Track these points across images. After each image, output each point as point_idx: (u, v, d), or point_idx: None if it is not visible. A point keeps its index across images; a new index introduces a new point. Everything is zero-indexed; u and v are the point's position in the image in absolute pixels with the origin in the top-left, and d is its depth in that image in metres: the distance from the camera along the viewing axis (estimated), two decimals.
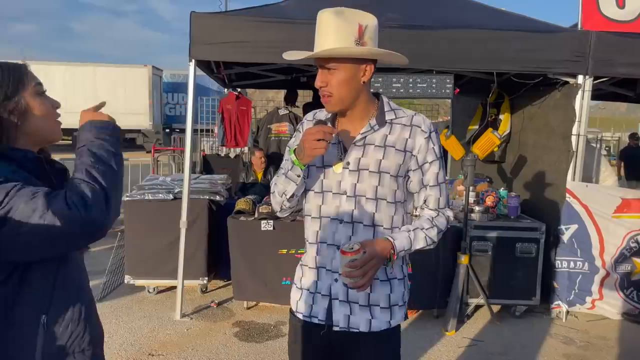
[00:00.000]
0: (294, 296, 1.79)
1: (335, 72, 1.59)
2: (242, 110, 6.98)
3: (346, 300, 1.67)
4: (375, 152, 1.65)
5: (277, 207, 1.76)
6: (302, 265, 1.79)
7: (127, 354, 3.58)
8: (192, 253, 4.45)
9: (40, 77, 5.84)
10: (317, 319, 1.70)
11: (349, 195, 1.65)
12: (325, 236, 1.69)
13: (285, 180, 1.66)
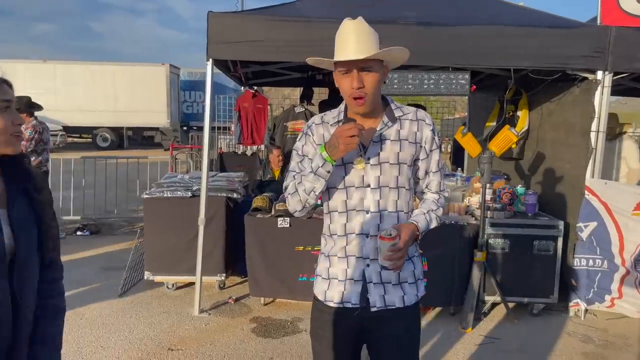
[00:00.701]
0: (321, 286, 1.91)
1: (370, 74, 1.74)
2: (259, 108, 7.03)
3: (380, 282, 1.84)
4: (392, 146, 1.83)
5: (298, 207, 1.86)
6: (329, 256, 1.90)
7: (147, 348, 3.66)
8: (210, 250, 4.51)
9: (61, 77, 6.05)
10: (351, 304, 1.84)
11: (373, 187, 1.82)
12: (353, 227, 1.84)
13: (314, 178, 1.78)
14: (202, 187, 4.27)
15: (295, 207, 1.87)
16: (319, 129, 1.92)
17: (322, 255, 1.95)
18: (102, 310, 4.32)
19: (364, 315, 1.83)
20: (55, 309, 1.64)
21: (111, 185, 7.80)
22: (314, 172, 1.77)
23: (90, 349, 3.62)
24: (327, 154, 1.73)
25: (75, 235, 6.84)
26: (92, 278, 5.12)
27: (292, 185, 1.86)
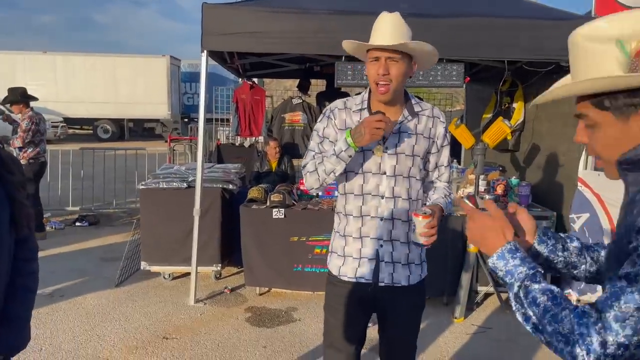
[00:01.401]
0: (337, 262, 2.08)
1: (397, 64, 1.87)
2: (256, 99, 7.05)
3: (391, 261, 2.02)
4: (409, 139, 1.99)
5: (316, 184, 2.00)
6: (345, 236, 2.05)
7: (142, 337, 3.71)
8: (206, 240, 4.55)
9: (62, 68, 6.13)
10: (364, 279, 2.01)
11: (389, 175, 1.98)
12: (369, 210, 2.00)
13: (336, 160, 1.90)
14: (197, 178, 4.30)
15: (313, 184, 2.01)
16: (342, 113, 2.04)
17: (336, 234, 2.10)
18: (99, 299, 4.37)
19: (376, 290, 2.01)
20: (24, 289, 1.67)
21: (110, 176, 7.84)
22: (337, 155, 1.89)
23: (85, 338, 3.67)
24: (352, 140, 1.85)
25: (74, 226, 6.89)
26: (90, 268, 5.17)
27: (312, 164, 1.98)
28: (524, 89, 5.61)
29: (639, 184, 1.05)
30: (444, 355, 3.59)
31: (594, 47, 1.00)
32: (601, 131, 1.05)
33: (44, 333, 3.72)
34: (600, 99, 1.02)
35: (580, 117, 1.09)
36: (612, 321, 0.91)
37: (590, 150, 1.14)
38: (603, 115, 1.03)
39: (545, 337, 1.00)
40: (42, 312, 4.06)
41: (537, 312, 1.02)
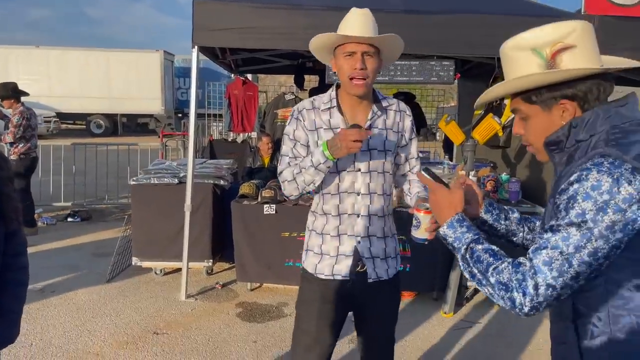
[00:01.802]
0: (313, 260, 2.06)
1: (372, 59, 1.89)
2: (249, 95, 7.05)
3: (370, 256, 2.03)
4: (380, 134, 2.01)
5: (295, 192, 2.00)
6: (322, 234, 2.05)
7: (132, 332, 3.72)
8: (197, 236, 4.56)
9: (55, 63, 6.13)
10: (341, 276, 2.02)
11: (364, 172, 1.98)
12: (346, 208, 2.01)
13: (314, 172, 1.91)
14: (188, 173, 4.30)
15: (292, 192, 2.01)
16: (310, 114, 2.02)
17: (312, 232, 2.08)
18: (90, 295, 4.38)
19: (354, 286, 2.02)
20: (15, 283, 1.70)
21: (102, 172, 7.83)
22: (315, 167, 1.89)
23: (76, 333, 3.68)
24: (329, 153, 1.85)
25: (66, 221, 6.88)
26: (82, 264, 5.17)
27: (289, 172, 1.98)
28: None
29: (563, 163, 1.24)
30: (432, 350, 3.62)
31: (519, 55, 1.25)
32: (532, 122, 1.28)
33: (35, 328, 3.72)
34: (528, 95, 1.25)
35: (515, 112, 1.31)
36: (542, 265, 1.12)
37: (524, 140, 1.34)
38: (532, 109, 1.26)
39: (489, 289, 1.19)
40: (32, 308, 4.05)
41: (481, 267, 1.21)
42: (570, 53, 1.20)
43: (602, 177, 1.09)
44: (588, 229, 1.09)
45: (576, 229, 1.10)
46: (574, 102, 1.22)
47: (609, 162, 1.10)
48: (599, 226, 1.09)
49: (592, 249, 1.10)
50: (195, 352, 3.45)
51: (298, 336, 2.12)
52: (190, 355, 3.41)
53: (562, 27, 1.22)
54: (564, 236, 1.11)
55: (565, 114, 1.22)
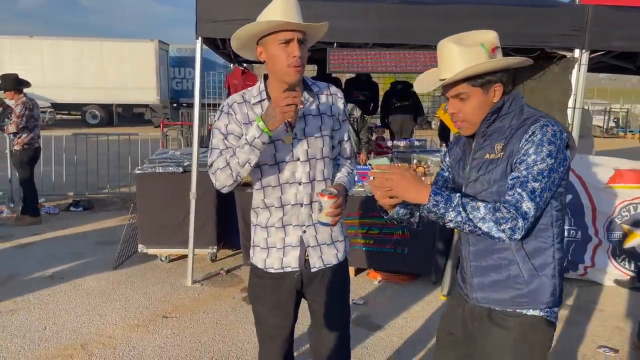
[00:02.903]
0: (260, 255, 2.04)
1: (304, 46, 1.87)
2: (248, 85, 7.11)
3: (317, 244, 2.02)
4: (314, 120, 1.99)
5: (229, 181, 1.87)
6: (267, 227, 2.02)
7: (142, 316, 3.84)
8: (202, 223, 4.67)
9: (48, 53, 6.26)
10: (290, 268, 2.01)
11: (303, 160, 1.97)
12: (289, 199, 1.98)
13: (249, 149, 1.81)
14: (193, 162, 4.40)
15: (225, 182, 1.88)
16: (242, 107, 1.96)
17: (257, 227, 2.05)
18: (98, 281, 4.49)
19: (303, 275, 2.02)
20: None
21: (103, 162, 7.90)
22: (250, 143, 1.80)
23: (88, 317, 3.80)
24: (264, 125, 1.78)
25: (68, 211, 6.96)
26: (87, 251, 5.28)
27: (222, 160, 1.87)
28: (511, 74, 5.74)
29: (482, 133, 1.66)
30: (431, 331, 3.76)
31: (471, 48, 1.59)
32: (471, 101, 1.63)
33: (47, 313, 3.84)
34: (474, 79, 1.60)
35: (459, 96, 1.63)
36: (526, 196, 1.50)
37: (457, 117, 1.67)
38: (475, 90, 1.62)
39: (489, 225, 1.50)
40: (43, 294, 4.17)
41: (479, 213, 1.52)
42: (499, 51, 1.62)
43: (555, 129, 1.55)
44: (552, 164, 1.51)
45: (545, 164, 1.51)
46: (501, 86, 1.63)
47: (552, 122, 1.57)
48: (557, 161, 1.53)
49: (553, 179, 1.53)
50: (205, 334, 3.58)
51: (258, 329, 2.15)
52: (200, 337, 3.54)
53: (491, 32, 1.64)
54: (538, 171, 1.50)
55: (497, 94, 1.63)
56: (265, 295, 2.07)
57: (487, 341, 1.73)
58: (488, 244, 1.67)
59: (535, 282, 1.63)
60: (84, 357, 3.25)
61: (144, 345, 3.41)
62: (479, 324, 1.76)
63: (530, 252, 1.62)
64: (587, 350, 3.51)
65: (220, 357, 3.29)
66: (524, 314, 1.66)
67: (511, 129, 1.61)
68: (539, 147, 1.52)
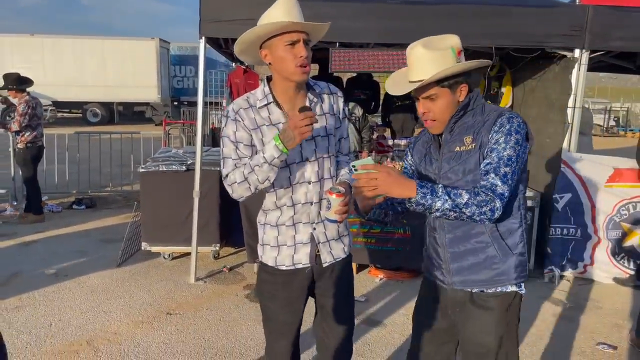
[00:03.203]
0: (271, 254, 2.09)
1: (308, 47, 1.92)
2: (250, 84, 7.15)
3: (326, 240, 2.10)
4: (320, 120, 2.03)
5: (247, 193, 1.94)
6: (277, 226, 2.07)
7: (147, 313, 3.89)
8: (205, 221, 4.71)
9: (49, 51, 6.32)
10: (302, 264, 2.07)
11: (312, 160, 2.03)
12: (299, 198, 2.04)
13: (269, 168, 1.85)
14: (197, 161, 4.44)
15: (243, 194, 1.94)
16: (249, 112, 1.97)
17: (267, 226, 2.09)
18: (102, 278, 4.53)
19: (314, 271, 2.09)
20: None
21: (105, 160, 7.93)
22: (269, 162, 1.84)
23: (93, 314, 3.84)
24: (283, 146, 1.81)
25: (71, 209, 7.01)
26: (91, 249, 5.32)
27: (239, 173, 1.91)
28: (512, 74, 5.79)
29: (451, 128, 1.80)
30: None
31: (442, 52, 1.71)
32: (440, 100, 1.76)
33: (52, 310, 3.88)
34: (443, 81, 1.73)
35: (430, 97, 1.76)
36: (499, 180, 1.67)
37: (427, 116, 1.80)
38: (443, 91, 1.75)
39: (472, 209, 1.64)
40: (48, 291, 4.21)
41: (462, 199, 1.65)
42: (462, 54, 1.77)
43: (520, 121, 1.74)
44: (519, 150, 1.70)
45: (513, 151, 1.69)
46: (467, 86, 1.77)
47: (515, 114, 1.76)
48: (522, 148, 1.71)
49: (519, 163, 1.71)
50: (208, 331, 3.62)
51: (268, 326, 2.19)
52: (204, 334, 3.58)
53: (455, 37, 1.78)
54: (508, 157, 1.68)
55: (462, 93, 1.77)
56: (277, 293, 2.11)
57: (470, 324, 1.87)
58: (465, 230, 1.81)
59: (510, 260, 1.80)
60: (89, 352, 3.29)
61: (148, 342, 3.45)
62: (461, 309, 1.88)
63: (504, 233, 1.79)
64: (586, 347, 3.55)
65: (224, 353, 3.33)
66: (503, 292, 1.83)
67: (478, 123, 1.77)
68: (508, 137, 1.69)
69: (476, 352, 1.88)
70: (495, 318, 1.83)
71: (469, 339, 1.90)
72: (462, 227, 1.81)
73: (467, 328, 1.88)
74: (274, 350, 2.20)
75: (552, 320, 3.96)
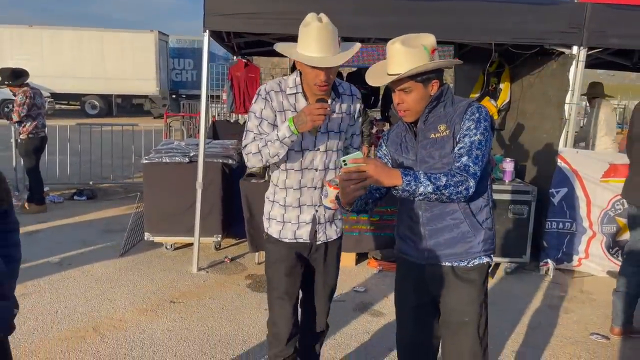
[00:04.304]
0: (277, 227, 2.41)
1: (332, 69, 2.16)
2: (251, 77, 7.21)
3: (324, 222, 2.42)
4: (336, 118, 2.32)
5: (259, 164, 2.26)
6: (284, 205, 2.38)
7: (150, 301, 3.96)
8: (207, 212, 4.78)
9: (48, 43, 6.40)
10: (302, 239, 2.39)
11: (322, 151, 2.32)
12: (306, 182, 2.34)
13: (280, 145, 2.16)
14: (200, 153, 4.50)
15: (256, 164, 2.27)
16: (279, 96, 2.26)
17: (275, 203, 2.40)
18: (106, 268, 4.60)
19: (312, 247, 2.42)
20: (9, 259, 1.77)
21: (106, 152, 7.98)
22: (281, 140, 2.14)
23: (98, 302, 3.92)
24: (295, 128, 2.10)
25: (72, 200, 7.06)
26: (94, 239, 5.39)
27: (254, 146, 2.22)
28: (510, 70, 5.86)
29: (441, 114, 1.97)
30: None
31: (415, 50, 1.88)
32: (414, 94, 1.94)
33: (58, 297, 3.96)
34: (417, 76, 1.90)
35: (404, 89, 1.93)
36: (471, 162, 1.85)
37: (401, 106, 1.97)
38: (417, 85, 1.93)
39: (450, 190, 1.81)
40: (53, 279, 4.29)
41: (440, 181, 1.81)
42: (437, 52, 1.94)
43: (487, 110, 1.96)
44: (487, 136, 1.91)
45: (483, 137, 1.89)
46: (438, 81, 1.95)
47: (482, 105, 1.97)
48: (489, 134, 1.93)
49: (487, 147, 1.91)
50: (211, 319, 3.71)
51: (272, 293, 2.46)
52: (207, 321, 3.66)
53: (431, 36, 1.95)
54: (478, 141, 1.88)
55: (434, 88, 1.95)
56: (279, 262, 2.40)
57: (454, 296, 2.04)
58: (442, 208, 1.99)
59: (481, 234, 2.00)
60: (96, 338, 3.37)
61: (153, 328, 3.53)
62: (442, 283, 2.06)
63: (475, 210, 1.99)
64: (579, 337, 3.65)
65: (227, 340, 3.42)
66: (480, 264, 2.02)
67: (449, 113, 1.97)
68: (479, 124, 1.90)
69: (459, 321, 2.05)
70: (477, 289, 2.04)
71: (453, 310, 2.06)
72: (439, 206, 2.00)
73: (450, 300, 2.06)
74: (277, 316, 2.45)
75: (547, 311, 4.05)
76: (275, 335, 2.47)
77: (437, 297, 2.09)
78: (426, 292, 2.11)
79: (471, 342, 2.05)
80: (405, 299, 2.20)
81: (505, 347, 3.49)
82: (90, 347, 3.26)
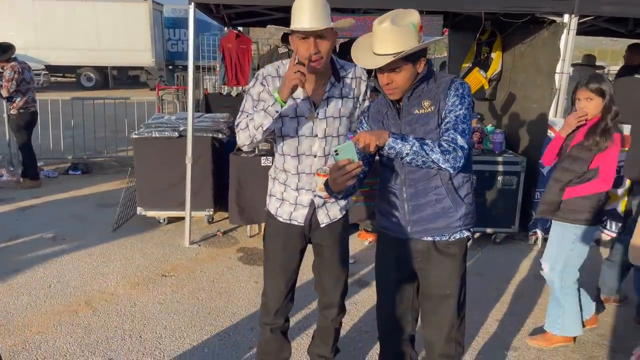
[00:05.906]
0: (275, 204, 2.39)
1: (325, 41, 2.07)
2: (242, 48, 7.13)
3: (324, 204, 2.36)
4: (336, 103, 2.25)
5: (247, 141, 2.17)
6: (285, 184, 2.34)
7: (142, 275, 4.03)
8: (199, 186, 4.81)
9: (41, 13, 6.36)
10: (297, 222, 2.36)
11: (321, 137, 2.25)
12: (304, 168, 2.29)
13: (264, 115, 2.09)
14: (189, 127, 4.50)
15: (244, 141, 2.18)
16: (275, 81, 2.21)
17: (276, 181, 2.38)
18: (100, 242, 4.66)
19: (305, 231, 2.37)
20: None
21: (99, 125, 7.96)
22: (265, 109, 2.08)
23: (91, 276, 3.99)
24: (278, 95, 2.05)
25: (67, 174, 7.09)
26: (87, 214, 5.44)
27: (244, 121, 2.17)
28: (502, 39, 5.78)
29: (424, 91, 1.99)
30: None
31: (404, 28, 1.87)
32: (404, 72, 1.93)
33: (51, 272, 4.03)
34: (407, 56, 1.88)
35: (394, 70, 1.92)
36: (459, 134, 1.90)
37: (390, 86, 1.95)
38: (407, 65, 1.92)
39: (437, 156, 1.84)
40: (46, 254, 4.35)
41: (429, 148, 1.85)
42: (422, 30, 1.94)
43: (468, 86, 2.01)
44: (470, 110, 1.95)
45: (467, 111, 1.94)
46: (425, 59, 1.97)
47: (463, 81, 2.02)
48: (472, 108, 1.97)
49: (471, 121, 1.95)
50: (202, 292, 3.78)
51: (267, 265, 2.46)
52: (198, 294, 3.73)
53: (416, 13, 1.95)
54: (463, 115, 1.92)
55: (421, 65, 1.96)
56: (276, 236, 2.40)
57: (436, 270, 2.09)
58: (425, 184, 2.03)
59: (462, 209, 2.05)
60: (88, 312, 3.44)
61: (144, 302, 3.60)
62: (423, 258, 2.10)
63: (457, 185, 2.04)
64: None
65: (217, 312, 3.49)
66: (459, 238, 2.07)
67: (433, 89, 1.99)
68: (463, 99, 1.95)
69: (440, 294, 2.11)
70: (458, 262, 2.10)
71: (434, 284, 2.11)
72: (422, 182, 2.03)
73: (432, 274, 2.11)
74: (271, 288, 2.45)
75: (533, 280, 4.12)
76: (265, 305, 2.50)
77: (418, 271, 2.14)
78: (407, 267, 2.15)
79: (451, 314, 2.11)
80: (387, 273, 2.24)
81: (489, 316, 3.57)
82: (82, 321, 3.34)
